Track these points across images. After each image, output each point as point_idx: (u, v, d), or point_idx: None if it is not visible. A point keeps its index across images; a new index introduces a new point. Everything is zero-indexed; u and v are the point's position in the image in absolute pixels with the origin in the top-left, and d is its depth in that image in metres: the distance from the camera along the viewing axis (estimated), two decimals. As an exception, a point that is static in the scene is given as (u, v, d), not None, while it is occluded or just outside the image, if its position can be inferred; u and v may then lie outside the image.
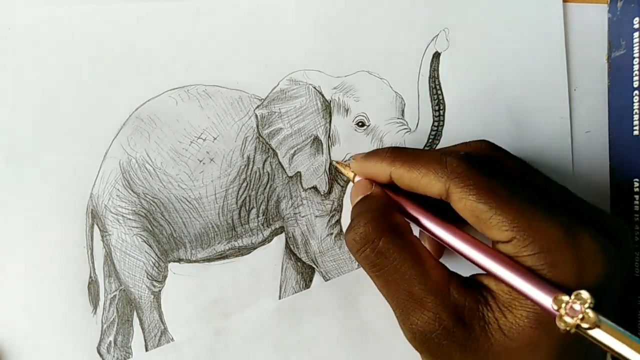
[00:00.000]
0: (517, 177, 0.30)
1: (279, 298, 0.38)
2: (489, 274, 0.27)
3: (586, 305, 0.23)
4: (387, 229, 0.29)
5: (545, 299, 0.24)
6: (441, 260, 0.31)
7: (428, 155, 0.30)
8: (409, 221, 0.31)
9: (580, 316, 0.23)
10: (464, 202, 0.27)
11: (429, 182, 0.29)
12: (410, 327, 0.28)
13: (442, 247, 0.36)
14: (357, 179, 0.34)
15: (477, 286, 0.28)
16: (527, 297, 0.25)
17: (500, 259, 0.27)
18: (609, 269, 0.25)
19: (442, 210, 0.30)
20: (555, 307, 0.24)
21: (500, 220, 0.26)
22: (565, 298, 0.24)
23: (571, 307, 0.23)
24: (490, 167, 0.29)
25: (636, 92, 0.40)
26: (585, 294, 0.24)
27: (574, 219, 0.26)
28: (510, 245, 0.26)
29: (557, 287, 0.25)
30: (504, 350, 0.26)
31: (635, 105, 0.40)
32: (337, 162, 0.38)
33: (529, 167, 0.32)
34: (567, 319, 0.23)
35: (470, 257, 0.28)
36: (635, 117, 0.40)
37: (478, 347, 0.26)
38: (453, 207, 0.28)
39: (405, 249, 0.29)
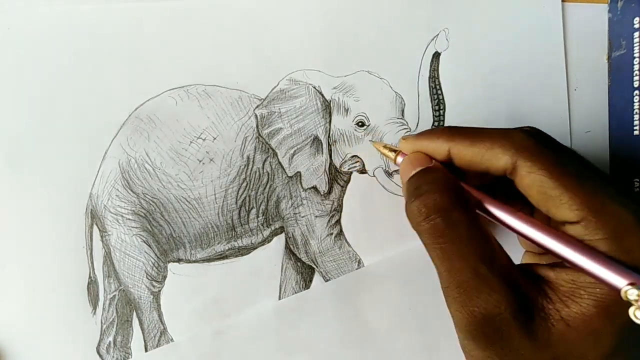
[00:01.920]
0: (580, 161, 0.29)
1: (279, 298, 0.38)
2: (561, 258, 0.26)
3: None
4: (461, 201, 0.28)
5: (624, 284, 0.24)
6: None
7: (491, 130, 0.29)
8: None
9: None
10: (532, 177, 0.26)
11: (494, 156, 0.28)
12: (471, 310, 0.26)
13: None
14: (399, 159, 0.33)
15: (533, 277, 0.27)
16: (605, 283, 0.25)
17: (575, 243, 0.26)
18: None
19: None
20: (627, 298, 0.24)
21: (571, 198, 0.25)
22: (633, 294, 0.23)
23: None
24: (555, 146, 0.28)
25: (636, 92, 0.40)
26: None
27: None
28: (579, 227, 0.25)
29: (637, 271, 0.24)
30: (564, 340, 0.25)
31: (635, 105, 0.40)
32: (374, 143, 0.37)
33: (580, 155, 0.31)
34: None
35: (540, 242, 0.27)
36: (635, 117, 0.40)
37: (538, 337, 0.26)
38: (517, 183, 0.27)
39: (476, 226, 0.28)
